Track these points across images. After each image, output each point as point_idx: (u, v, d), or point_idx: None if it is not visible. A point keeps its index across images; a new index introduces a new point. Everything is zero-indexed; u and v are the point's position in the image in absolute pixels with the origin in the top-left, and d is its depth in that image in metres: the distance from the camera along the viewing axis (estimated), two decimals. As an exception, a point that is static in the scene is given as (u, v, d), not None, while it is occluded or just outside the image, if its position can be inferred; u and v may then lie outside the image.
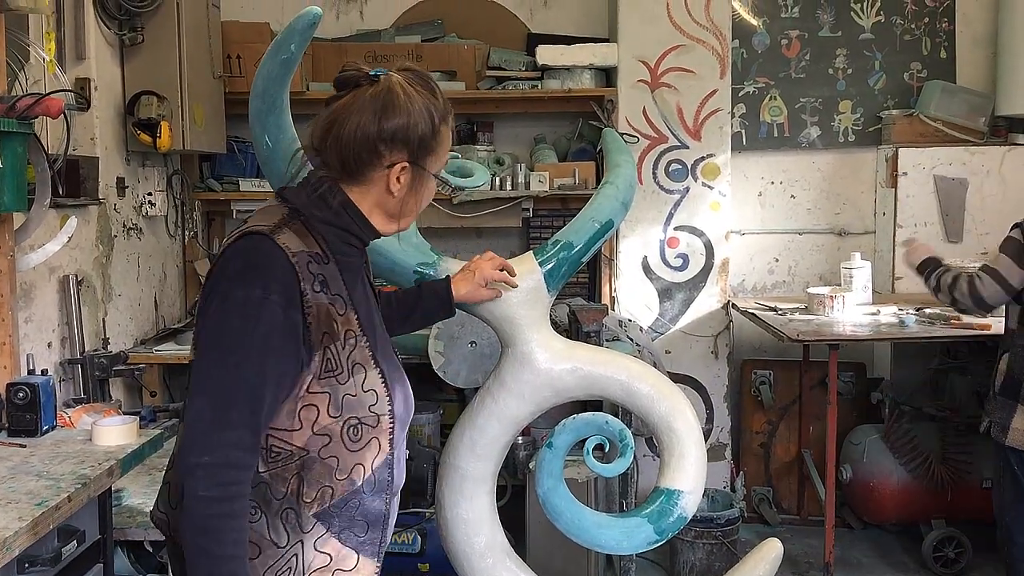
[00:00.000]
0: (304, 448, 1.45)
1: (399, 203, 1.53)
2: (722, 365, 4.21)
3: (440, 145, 1.53)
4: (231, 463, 1.35)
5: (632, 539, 2.04)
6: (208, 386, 1.38)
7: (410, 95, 1.49)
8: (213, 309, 1.41)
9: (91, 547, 1.98)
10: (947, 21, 4.36)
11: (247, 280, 1.39)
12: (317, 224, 1.49)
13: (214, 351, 1.39)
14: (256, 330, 1.37)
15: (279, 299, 1.39)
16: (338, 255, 1.51)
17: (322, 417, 1.45)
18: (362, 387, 1.48)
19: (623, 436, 2.02)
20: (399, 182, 1.50)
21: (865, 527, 4.11)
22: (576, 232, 2.21)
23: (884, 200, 4.30)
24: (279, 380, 1.40)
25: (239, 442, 1.36)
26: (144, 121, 3.39)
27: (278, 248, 1.41)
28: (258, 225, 1.45)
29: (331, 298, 1.46)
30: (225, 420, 1.35)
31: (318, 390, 1.44)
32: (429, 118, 1.50)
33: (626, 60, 4.08)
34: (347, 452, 1.47)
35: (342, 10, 4.42)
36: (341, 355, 1.46)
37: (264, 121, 1.90)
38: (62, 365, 3.03)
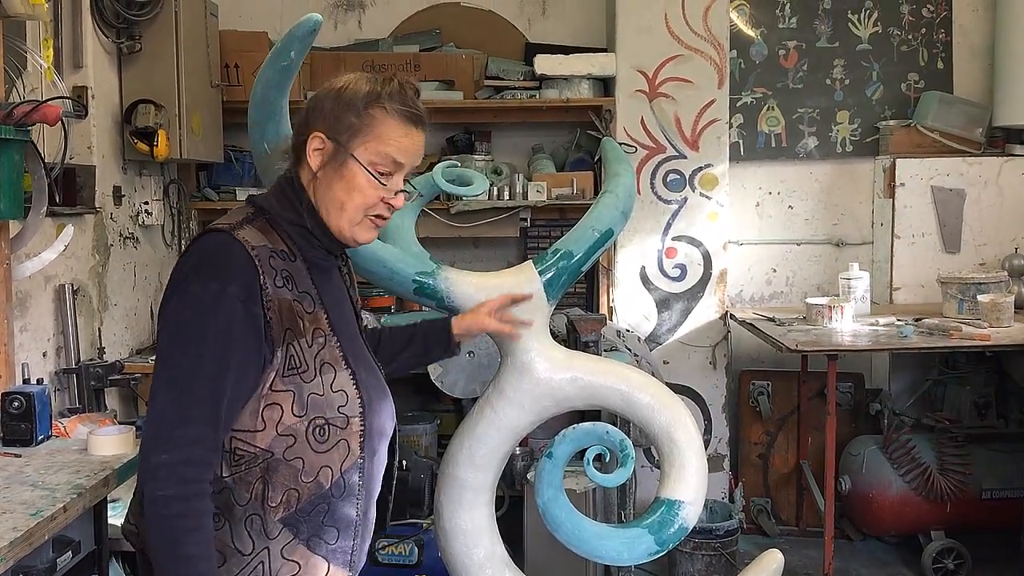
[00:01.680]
0: (268, 450, 1.42)
1: (324, 187, 1.46)
2: (720, 375, 4.20)
3: (369, 128, 1.45)
4: (192, 460, 1.34)
5: (633, 550, 2.02)
6: (168, 382, 1.36)
7: (355, 77, 1.49)
8: (172, 305, 1.40)
9: (86, 558, 1.96)
10: (944, 32, 4.37)
11: (204, 275, 1.38)
12: (280, 222, 1.48)
13: (173, 347, 1.38)
14: (214, 324, 1.35)
15: (237, 291, 1.37)
16: (306, 253, 1.49)
17: (286, 416, 1.42)
18: (330, 387, 1.45)
19: (624, 446, 2.00)
20: (317, 157, 1.46)
21: (864, 538, 4.10)
22: (576, 241, 2.20)
23: (882, 210, 4.31)
24: (240, 374, 1.38)
25: (200, 438, 1.34)
26: (141, 130, 3.38)
27: (236, 242, 1.40)
28: (220, 224, 1.46)
29: (297, 295, 1.44)
30: (186, 416, 1.34)
31: (281, 388, 1.41)
32: (359, 96, 1.46)
33: (624, 70, 4.08)
34: (313, 453, 1.44)
35: (340, 19, 4.42)
36: (307, 353, 1.43)
37: (263, 128, 1.90)
38: (57, 375, 3.01)
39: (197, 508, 1.34)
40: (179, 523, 1.32)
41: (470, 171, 2.32)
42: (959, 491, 3.69)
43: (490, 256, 4.32)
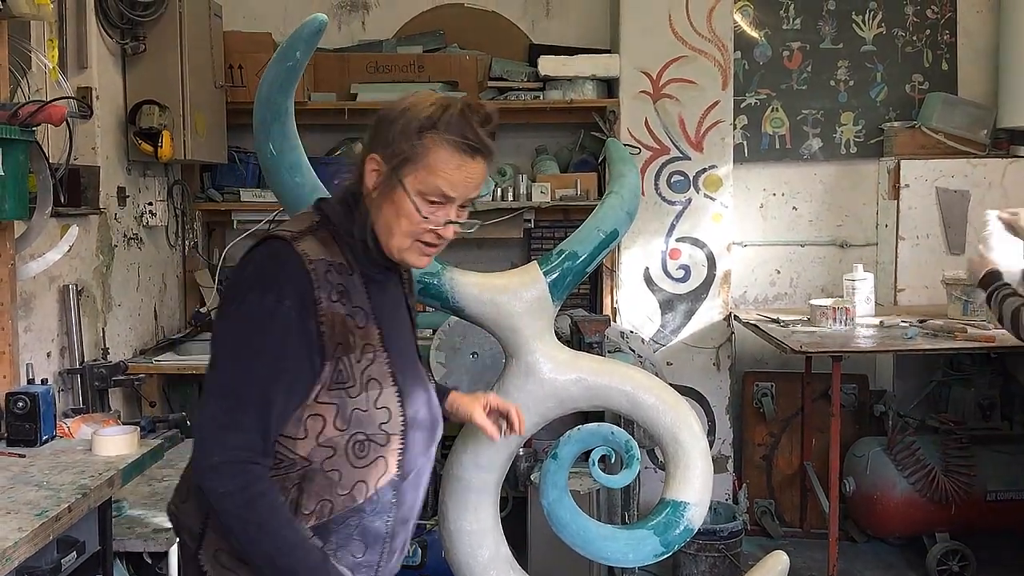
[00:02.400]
0: (307, 459, 1.43)
1: (376, 208, 1.45)
2: (724, 377, 4.20)
3: (421, 157, 1.42)
4: (243, 461, 1.36)
5: (638, 551, 2.02)
6: (220, 389, 1.39)
7: (418, 99, 1.45)
8: (228, 313, 1.42)
9: (91, 558, 1.96)
10: (948, 33, 4.37)
11: (262, 285, 1.39)
12: (344, 235, 1.47)
13: (227, 355, 1.40)
14: (268, 335, 1.37)
15: (292, 304, 1.38)
16: (364, 267, 1.48)
17: (328, 428, 1.43)
18: (375, 403, 1.46)
19: (629, 447, 2.00)
20: (372, 176, 1.45)
21: (868, 540, 4.09)
22: (580, 242, 2.20)
23: (886, 212, 4.30)
24: (291, 385, 1.39)
25: (250, 445, 1.36)
26: (145, 130, 3.39)
27: (296, 254, 1.40)
28: (282, 230, 1.45)
29: (350, 310, 1.44)
30: (236, 423, 1.36)
31: (326, 400, 1.42)
32: (414, 120, 1.42)
33: (628, 71, 4.08)
34: (350, 467, 1.45)
35: (344, 20, 4.42)
36: (355, 368, 1.44)
37: (268, 129, 1.90)
38: (61, 375, 3.01)
39: (260, 490, 1.36)
40: (250, 512, 1.34)
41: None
42: (964, 493, 3.68)
43: (494, 257, 4.32)
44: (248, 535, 1.35)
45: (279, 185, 1.96)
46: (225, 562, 1.44)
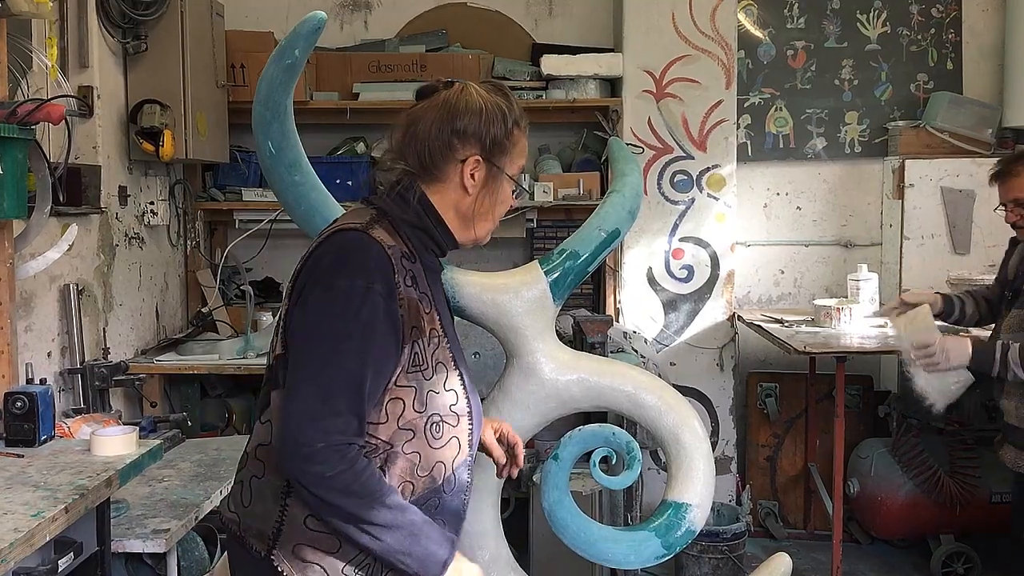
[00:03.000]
0: (389, 442, 1.46)
1: (473, 202, 1.56)
2: (728, 377, 4.18)
3: (514, 146, 1.58)
4: (344, 444, 1.37)
5: (639, 553, 2.00)
6: (312, 374, 1.39)
7: (485, 97, 1.55)
8: (314, 299, 1.42)
9: (89, 559, 1.95)
10: (954, 32, 4.35)
11: (348, 271, 1.42)
12: (402, 225, 1.54)
13: (317, 340, 1.40)
14: (359, 318, 1.40)
15: (381, 288, 1.42)
16: (423, 256, 1.56)
17: (407, 411, 1.47)
18: (444, 386, 1.51)
19: (630, 448, 1.98)
20: (473, 178, 1.55)
21: (873, 542, 4.07)
22: (582, 241, 2.18)
23: (891, 212, 4.28)
24: (380, 368, 1.43)
25: (347, 428, 1.38)
26: (147, 130, 3.38)
27: (375, 241, 1.45)
28: (350, 223, 1.49)
29: (420, 295, 1.50)
30: (333, 409, 1.37)
31: (405, 384, 1.46)
32: (502, 117, 1.55)
33: (631, 70, 4.07)
34: (429, 449, 1.49)
35: (346, 20, 4.41)
36: (427, 352, 1.49)
37: (267, 127, 1.89)
38: (62, 375, 3.00)
39: (365, 466, 1.39)
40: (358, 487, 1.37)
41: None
42: (969, 494, 3.66)
43: (496, 256, 4.30)
44: (362, 509, 1.37)
45: (278, 183, 1.94)
46: (306, 556, 1.45)
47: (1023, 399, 2.71)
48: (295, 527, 1.45)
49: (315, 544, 1.44)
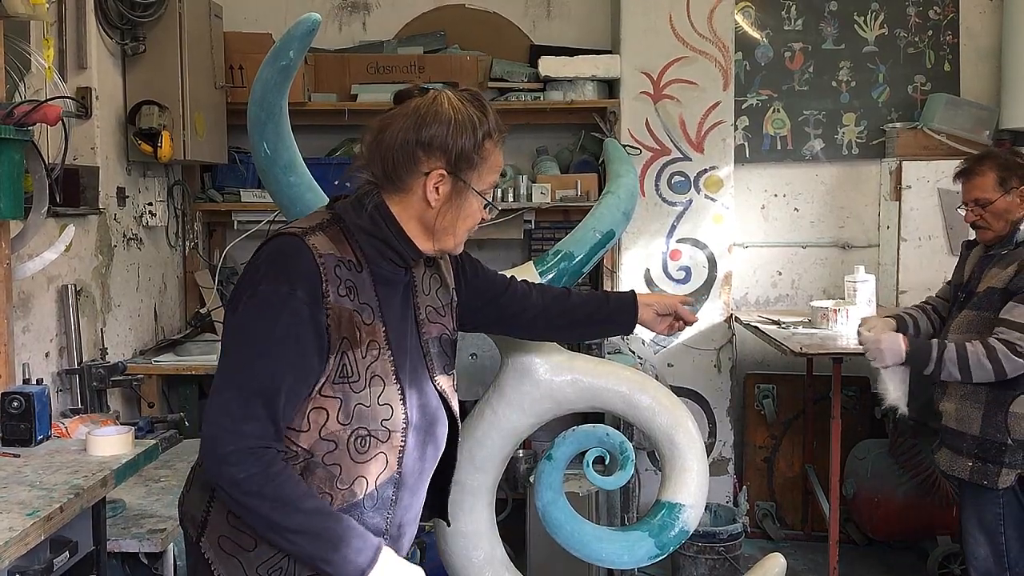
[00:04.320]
0: (309, 451, 1.46)
1: (436, 216, 1.51)
2: (725, 379, 4.18)
3: (484, 161, 1.51)
4: (259, 447, 1.38)
5: (633, 553, 2.01)
6: (231, 379, 1.41)
7: (456, 107, 1.50)
8: (239, 305, 1.44)
9: (84, 558, 1.96)
10: (951, 34, 4.35)
11: (273, 277, 1.42)
12: (355, 232, 1.50)
13: (238, 344, 1.42)
14: (279, 323, 1.40)
15: (304, 296, 1.41)
16: (374, 265, 1.51)
17: (330, 422, 1.45)
18: (377, 400, 1.48)
19: (623, 448, 1.99)
20: (437, 192, 1.49)
21: (870, 543, 4.07)
22: (577, 242, 2.19)
23: (888, 213, 4.28)
24: (299, 375, 1.42)
25: (263, 433, 1.39)
26: (145, 131, 3.39)
27: (306, 248, 1.44)
28: (292, 227, 1.49)
29: (357, 305, 1.47)
30: (249, 412, 1.38)
31: (330, 394, 1.45)
32: (472, 129, 1.49)
33: (628, 72, 4.07)
34: (351, 463, 1.47)
35: (345, 21, 4.42)
36: (359, 363, 1.46)
37: (263, 128, 1.90)
38: (60, 375, 3.01)
39: (279, 470, 1.39)
40: (271, 490, 1.37)
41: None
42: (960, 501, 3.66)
43: (494, 258, 4.31)
44: (276, 513, 1.38)
45: (273, 184, 1.95)
46: (227, 548, 1.48)
47: (962, 402, 2.70)
48: (220, 519, 1.48)
49: (235, 539, 1.47)
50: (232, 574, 1.47)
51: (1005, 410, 2.63)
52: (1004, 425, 2.63)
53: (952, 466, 2.74)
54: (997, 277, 2.69)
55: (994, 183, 2.72)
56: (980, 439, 2.66)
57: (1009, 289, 2.63)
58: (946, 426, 2.77)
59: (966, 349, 2.56)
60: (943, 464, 2.79)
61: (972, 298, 2.77)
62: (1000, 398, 2.64)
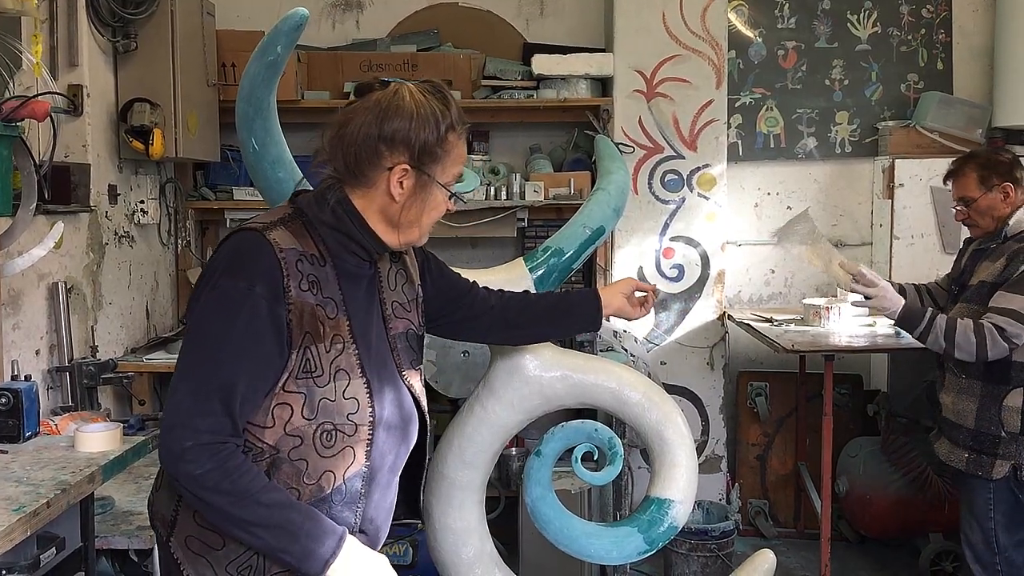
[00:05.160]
0: (275, 447, 1.45)
1: (400, 210, 1.51)
2: (718, 377, 4.19)
3: (447, 154, 1.51)
4: (215, 442, 1.38)
5: (622, 549, 2.01)
6: (188, 374, 1.40)
7: (417, 100, 1.49)
8: (200, 300, 1.43)
9: (72, 555, 1.96)
10: (944, 32, 4.36)
11: (233, 272, 1.41)
12: (318, 226, 1.50)
13: (198, 340, 1.42)
14: (238, 319, 1.39)
15: (264, 291, 1.40)
16: (337, 259, 1.51)
17: (295, 418, 1.45)
18: (343, 394, 1.47)
19: (612, 444, 1.99)
20: (401, 186, 1.49)
21: (862, 540, 4.07)
22: (567, 238, 2.19)
23: (881, 211, 4.29)
24: (259, 371, 1.41)
25: (219, 428, 1.38)
26: (137, 128, 3.37)
27: (266, 243, 1.43)
28: (254, 222, 1.49)
29: (320, 300, 1.46)
30: (204, 407, 1.37)
31: (294, 389, 1.44)
32: (435, 122, 1.48)
33: (622, 70, 4.07)
34: (318, 457, 1.47)
35: (338, 19, 4.42)
36: (323, 358, 1.46)
37: (251, 124, 1.89)
38: (50, 373, 3.00)
39: (236, 465, 1.38)
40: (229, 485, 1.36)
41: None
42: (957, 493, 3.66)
43: (487, 256, 4.32)
44: (235, 507, 1.37)
45: (262, 180, 1.95)
46: (195, 548, 1.47)
47: (959, 394, 2.79)
48: (187, 519, 1.48)
49: (203, 539, 1.46)
50: (201, 573, 1.47)
51: (999, 404, 2.70)
52: (998, 418, 2.69)
53: (951, 457, 2.83)
54: (988, 271, 2.77)
55: (976, 182, 2.83)
56: (975, 432, 2.74)
57: (999, 282, 2.71)
58: (945, 417, 2.85)
59: (955, 321, 2.67)
60: (942, 454, 2.86)
61: (965, 291, 2.85)
62: (994, 392, 2.71)
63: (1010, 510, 2.73)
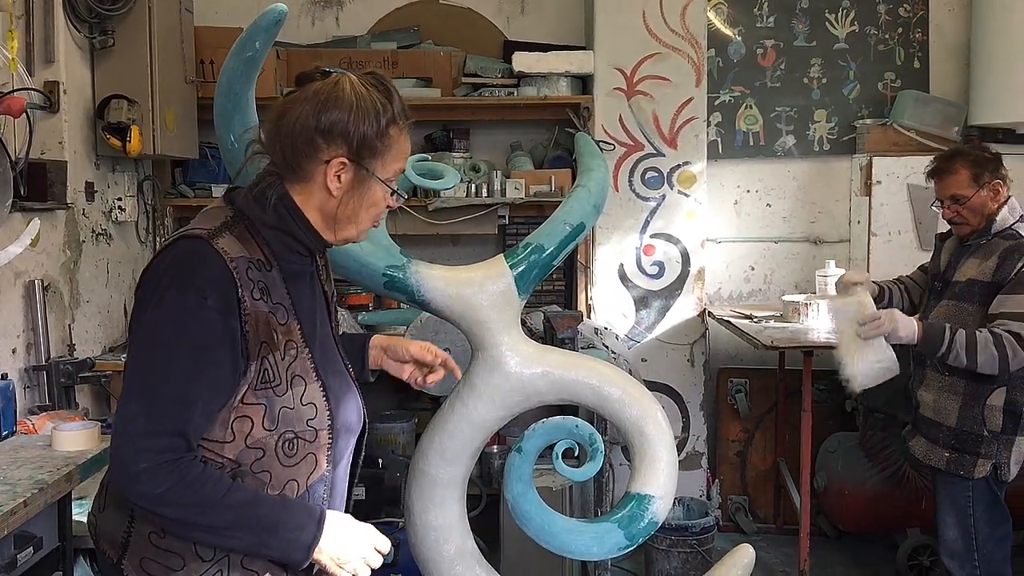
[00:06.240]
0: (236, 461, 1.41)
1: (337, 205, 1.46)
2: (698, 373, 4.21)
3: (388, 148, 1.46)
4: (170, 461, 1.33)
5: (602, 545, 2.01)
6: (139, 393, 1.35)
7: (358, 92, 1.44)
8: (147, 315, 1.37)
9: (49, 554, 1.94)
10: (920, 32, 4.40)
11: (182, 285, 1.35)
12: (260, 228, 1.45)
13: (147, 357, 1.36)
14: (190, 336, 1.34)
15: (216, 304, 1.35)
16: (282, 261, 1.47)
17: (256, 430, 1.41)
18: (300, 400, 1.44)
19: (593, 440, 1.99)
20: (339, 180, 1.44)
21: (840, 535, 4.11)
22: (547, 235, 2.19)
23: (858, 208, 4.32)
24: (214, 387, 1.37)
25: (174, 446, 1.34)
26: (114, 125, 3.35)
27: (215, 253, 1.37)
28: (197, 228, 1.42)
29: (272, 307, 1.42)
30: (158, 428, 1.33)
31: (253, 401, 1.40)
32: (375, 116, 1.43)
33: (602, 68, 4.08)
34: (281, 467, 1.44)
35: (318, 16, 4.40)
36: (280, 366, 1.42)
37: (229, 120, 1.88)
38: (27, 372, 2.97)
39: (196, 475, 1.34)
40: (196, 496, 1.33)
41: (441, 165, 2.30)
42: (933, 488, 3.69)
43: (468, 253, 4.32)
44: (202, 516, 1.34)
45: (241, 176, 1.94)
46: (152, 569, 1.42)
47: (940, 393, 2.76)
48: (141, 541, 1.42)
49: (160, 560, 1.41)
50: None
51: (982, 402, 2.69)
52: (981, 417, 2.68)
53: (929, 455, 2.80)
54: (978, 268, 2.73)
55: (968, 180, 2.78)
56: (957, 430, 2.72)
57: (995, 282, 2.66)
58: (923, 415, 2.81)
59: (975, 336, 2.60)
60: (919, 453, 2.83)
61: (951, 288, 2.81)
62: (978, 391, 2.70)
63: (989, 507, 2.73)
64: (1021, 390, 2.68)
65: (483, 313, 2.05)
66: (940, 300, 2.83)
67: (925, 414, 2.82)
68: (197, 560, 1.41)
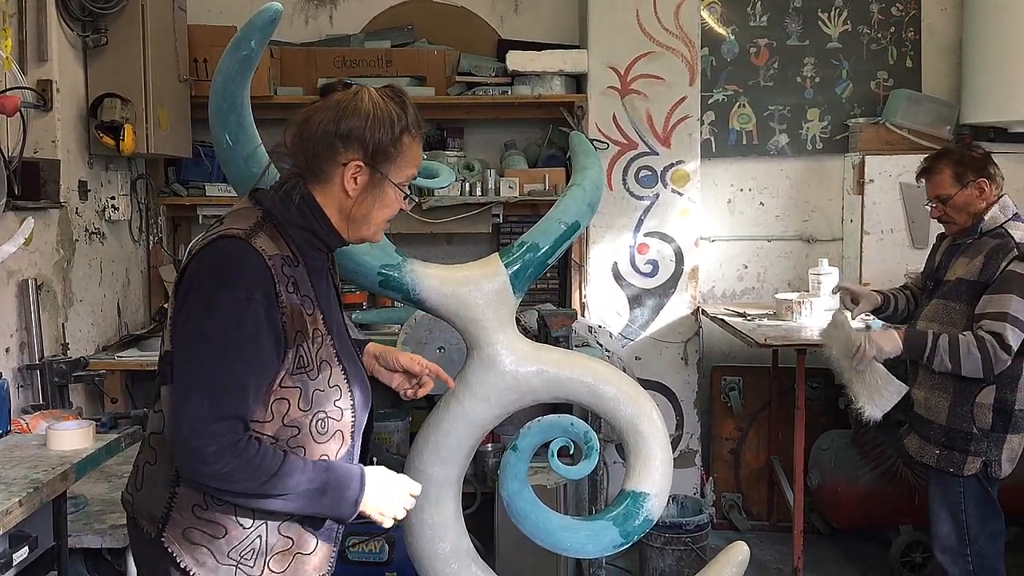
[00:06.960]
0: (274, 437, 1.54)
1: (352, 205, 1.59)
2: (692, 371, 4.22)
3: (401, 154, 1.59)
4: (234, 443, 1.46)
5: (598, 542, 2.02)
6: (200, 382, 1.47)
7: (375, 102, 1.57)
8: (196, 309, 1.49)
9: (45, 554, 1.94)
10: (913, 31, 4.41)
11: (230, 282, 1.48)
12: (288, 227, 1.58)
13: (203, 349, 1.47)
14: (242, 328, 1.47)
15: (261, 299, 1.49)
16: (306, 257, 1.60)
17: (292, 410, 1.54)
18: (328, 383, 1.58)
19: (588, 438, 2.00)
20: (355, 182, 1.58)
21: (834, 533, 4.12)
22: (542, 234, 2.19)
23: (851, 207, 4.34)
24: (264, 372, 1.50)
25: (235, 428, 1.47)
26: (107, 124, 3.34)
27: (256, 252, 1.51)
28: (234, 228, 1.54)
29: (301, 299, 1.56)
30: (220, 413, 1.45)
31: (290, 384, 1.54)
32: (390, 124, 1.57)
33: (596, 67, 4.09)
34: (314, 443, 1.57)
35: (312, 15, 4.39)
36: (311, 352, 1.56)
37: (224, 119, 1.88)
38: (20, 371, 2.97)
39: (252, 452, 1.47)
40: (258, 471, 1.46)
41: (436, 163, 2.31)
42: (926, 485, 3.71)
43: (463, 252, 4.32)
44: (265, 487, 1.47)
45: (235, 175, 1.94)
46: (195, 538, 1.54)
47: (932, 390, 2.79)
48: (184, 513, 1.54)
49: (204, 529, 1.54)
50: (202, 561, 1.54)
51: (972, 401, 2.71)
52: (970, 415, 2.70)
53: (921, 452, 2.84)
54: (966, 268, 2.75)
55: (951, 179, 2.81)
56: (947, 428, 2.74)
57: (981, 281, 2.68)
58: (916, 413, 2.84)
59: (957, 340, 2.63)
60: (912, 450, 2.86)
61: (941, 287, 2.84)
62: (967, 389, 2.72)
63: (981, 503, 2.75)
64: (1011, 388, 2.70)
65: (478, 312, 2.05)
66: (931, 299, 2.86)
67: (918, 411, 2.85)
68: (238, 528, 1.54)
